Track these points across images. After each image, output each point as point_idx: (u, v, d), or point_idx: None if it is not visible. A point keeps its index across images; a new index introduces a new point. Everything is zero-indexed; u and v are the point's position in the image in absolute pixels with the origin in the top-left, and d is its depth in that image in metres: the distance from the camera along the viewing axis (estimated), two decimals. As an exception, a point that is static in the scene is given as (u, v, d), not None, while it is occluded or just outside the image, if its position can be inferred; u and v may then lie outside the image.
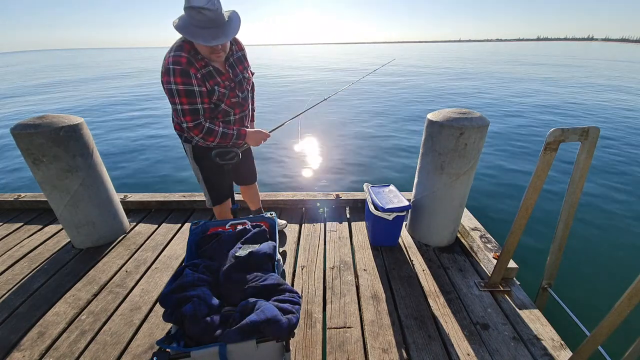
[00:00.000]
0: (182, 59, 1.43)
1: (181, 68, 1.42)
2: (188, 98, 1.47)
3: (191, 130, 1.54)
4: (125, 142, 6.42)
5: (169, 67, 1.42)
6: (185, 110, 1.48)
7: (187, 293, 1.13)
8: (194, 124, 1.52)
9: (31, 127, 1.82)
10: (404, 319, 1.59)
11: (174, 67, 1.41)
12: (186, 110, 1.48)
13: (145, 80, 18.32)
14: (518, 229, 1.56)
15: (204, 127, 1.55)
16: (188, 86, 1.45)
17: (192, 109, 1.49)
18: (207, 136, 1.57)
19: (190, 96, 1.47)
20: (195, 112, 1.51)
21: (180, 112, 1.49)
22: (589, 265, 2.76)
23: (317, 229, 2.37)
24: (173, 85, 1.43)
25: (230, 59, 1.62)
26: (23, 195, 2.73)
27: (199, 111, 1.51)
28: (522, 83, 14.00)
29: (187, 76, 1.44)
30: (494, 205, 3.77)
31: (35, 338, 1.51)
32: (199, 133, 1.55)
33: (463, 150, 1.80)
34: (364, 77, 3.34)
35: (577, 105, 9.21)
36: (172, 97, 1.47)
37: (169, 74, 1.42)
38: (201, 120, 1.54)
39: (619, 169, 4.64)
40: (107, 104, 10.72)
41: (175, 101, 1.47)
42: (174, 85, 1.43)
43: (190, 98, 1.47)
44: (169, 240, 2.27)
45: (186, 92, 1.45)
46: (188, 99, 1.47)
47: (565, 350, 1.43)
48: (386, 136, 6.45)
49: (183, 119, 1.50)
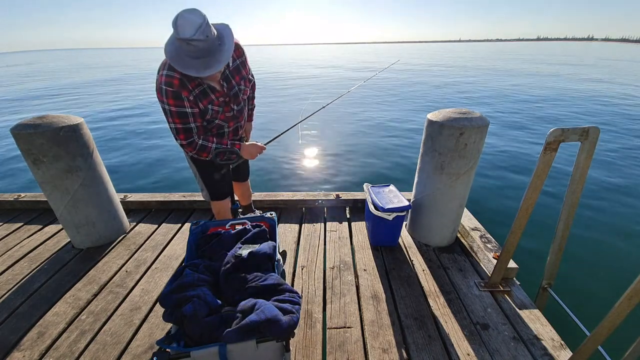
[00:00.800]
0: (175, 80, 1.40)
1: (173, 90, 1.40)
2: (181, 119, 1.48)
3: (185, 147, 1.58)
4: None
5: (162, 87, 1.40)
6: (178, 129, 1.51)
7: (187, 293, 1.13)
8: (187, 142, 1.55)
9: (31, 127, 1.82)
10: (404, 319, 1.59)
11: (166, 88, 1.40)
12: (180, 129, 1.51)
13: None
14: (518, 229, 1.56)
15: (197, 144, 1.57)
16: (180, 108, 1.45)
17: (185, 127, 1.51)
18: (201, 152, 1.61)
19: (182, 117, 1.48)
20: (189, 130, 1.53)
21: (174, 131, 1.52)
22: (589, 265, 2.76)
23: (317, 229, 2.37)
24: (166, 106, 1.44)
25: (226, 72, 1.57)
26: (23, 195, 2.73)
27: (192, 130, 1.53)
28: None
29: (180, 99, 1.43)
30: (494, 205, 3.77)
31: (35, 338, 1.51)
32: (192, 150, 1.58)
33: (463, 150, 1.80)
34: (373, 77, 3.32)
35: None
36: (165, 116, 1.49)
37: (161, 94, 1.41)
38: (194, 138, 1.56)
39: (618, 169, 4.65)
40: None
41: (169, 120, 1.49)
42: (167, 105, 1.44)
43: (182, 118, 1.48)
44: (169, 240, 2.27)
45: (179, 113, 1.46)
46: (181, 119, 1.48)
47: (565, 350, 1.43)
48: (386, 136, 6.46)
49: (177, 137, 1.54)
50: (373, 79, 3.82)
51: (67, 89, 15.40)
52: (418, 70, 21.24)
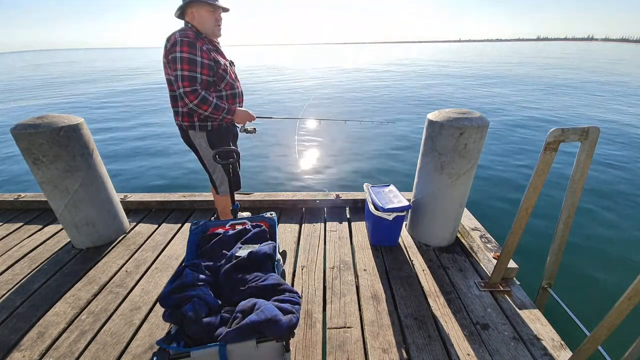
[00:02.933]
0: (190, 34, 1.61)
1: (189, 40, 1.61)
2: (189, 65, 1.61)
3: (187, 95, 1.64)
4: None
5: (177, 39, 1.59)
6: (184, 75, 1.61)
7: (187, 293, 1.13)
8: (191, 89, 1.64)
9: (31, 127, 1.82)
10: (404, 319, 1.59)
11: (182, 39, 1.59)
12: (185, 75, 1.62)
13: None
14: (518, 229, 1.56)
15: (200, 94, 1.67)
16: (192, 55, 1.61)
17: (191, 75, 1.63)
18: (202, 104, 1.68)
19: (191, 64, 1.62)
20: (193, 79, 1.64)
21: (179, 78, 1.62)
22: (589, 265, 2.75)
23: (317, 229, 2.37)
24: (178, 54, 1.60)
25: (219, 48, 1.86)
26: (23, 195, 2.73)
27: (196, 79, 1.65)
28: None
29: (194, 47, 1.62)
30: (494, 205, 3.77)
31: (35, 338, 1.51)
32: (194, 99, 1.65)
33: (463, 150, 1.80)
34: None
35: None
36: (174, 65, 1.61)
37: (176, 45, 1.60)
38: (197, 87, 1.66)
39: (619, 168, 4.65)
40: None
41: (177, 67, 1.61)
42: (179, 53, 1.59)
43: (191, 66, 1.62)
44: (169, 240, 2.27)
45: (189, 60, 1.61)
46: (189, 66, 1.61)
47: (565, 350, 1.43)
48: (386, 136, 6.46)
49: (181, 84, 1.63)
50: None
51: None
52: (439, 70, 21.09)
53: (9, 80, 20.63)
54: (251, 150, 5.64)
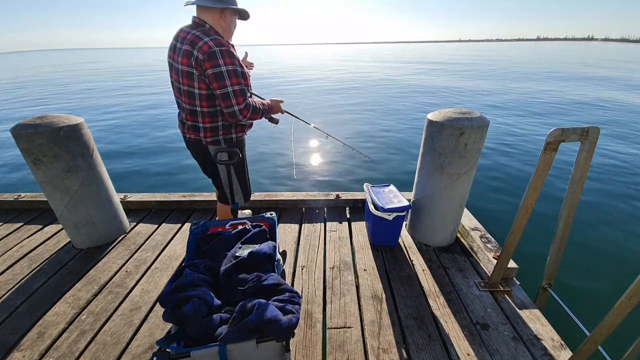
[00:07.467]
0: (222, 41, 1.42)
1: (227, 49, 1.41)
2: (237, 78, 1.45)
3: (242, 112, 1.51)
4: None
5: (214, 49, 1.38)
6: (235, 91, 1.46)
7: (187, 293, 1.13)
8: (245, 104, 1.50)
9: (31, 127, 1.81)
10: (404, 319, 1.59)
11: (220, 49, 1.38)
12: (237, 91, 1.46)
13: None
14: (518, 229, 1.56)
15: (250, 105, 1.54)
16: (236, 67, 1.45)
17: (241, 89, 1.48)
18: (253, 114, 1.57)
19: (237, 76, 1.46)
20: (244, 93, 1.50)
21: (231, 95, 1.45)
22: (589, 265, 2.75)
23: (317, 229, 2.37)
24: (223, 67, 1.40)
25: None
26: (23, 195, 2.73)
27: (245, 92, 1.51)
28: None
29: (233, 57, 1.44)
30: (494, 205, 3.77)
31: (35, 338, 1.51)
32: (247, 113, 1.53)
33: (463, 150, 1.80)
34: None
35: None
36: (219, 81, 1.42)
37: (216, 57, 1.38)
38: (248, 100, 1.53)
39: (619, 168, 4.64)
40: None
41: (226, 84, 1.43)
42: (224, 67, 1.40)
43: (238, 79, 1.46)
44: (169, 240, 2.26)
45: (235, 72, 1.44)
46: (237, 79, 1.45)
47: (565, 350, 1.43)
48: (386, 136, 6.46)
49: (235, 101, 1.47)
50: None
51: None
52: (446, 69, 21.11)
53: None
54: (250, 151, 5.62)
